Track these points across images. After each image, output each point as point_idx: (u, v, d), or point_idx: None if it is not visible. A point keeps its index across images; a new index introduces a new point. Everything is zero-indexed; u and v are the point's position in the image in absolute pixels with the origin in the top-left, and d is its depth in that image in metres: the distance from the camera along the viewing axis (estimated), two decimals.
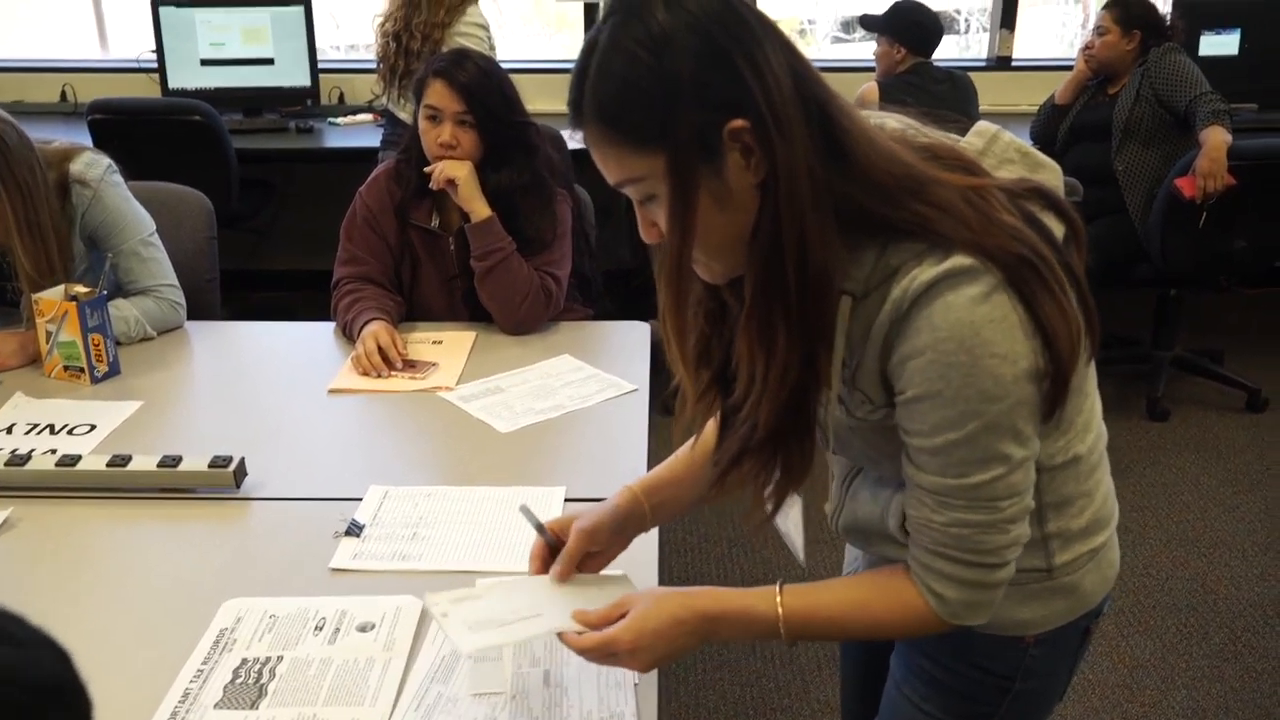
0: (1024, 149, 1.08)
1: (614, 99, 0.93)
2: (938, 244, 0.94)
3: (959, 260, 0.93)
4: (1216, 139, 3.36)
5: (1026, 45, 4.78)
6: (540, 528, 1.24)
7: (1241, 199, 3.41)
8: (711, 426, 1.14)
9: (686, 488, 1.28)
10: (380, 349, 2.01)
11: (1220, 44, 4.24)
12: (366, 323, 2.09)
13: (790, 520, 1.28)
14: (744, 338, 1.00)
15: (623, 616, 1.08)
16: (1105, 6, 3.74)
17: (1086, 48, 3.76)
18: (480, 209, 2.14)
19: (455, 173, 2.13)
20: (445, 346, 2.12)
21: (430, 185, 2.15)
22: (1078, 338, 0.96)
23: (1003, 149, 1.07)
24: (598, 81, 0.94)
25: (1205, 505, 3.19)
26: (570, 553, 1.21)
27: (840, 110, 0.96)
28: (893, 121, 1.05)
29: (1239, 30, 4.28)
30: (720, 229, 0.96)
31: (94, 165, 2.09)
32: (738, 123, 0.91)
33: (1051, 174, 1.08)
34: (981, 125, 1.08)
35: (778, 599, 1.09)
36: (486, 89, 2.13)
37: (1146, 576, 2.85)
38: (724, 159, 0.93)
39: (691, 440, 1.22)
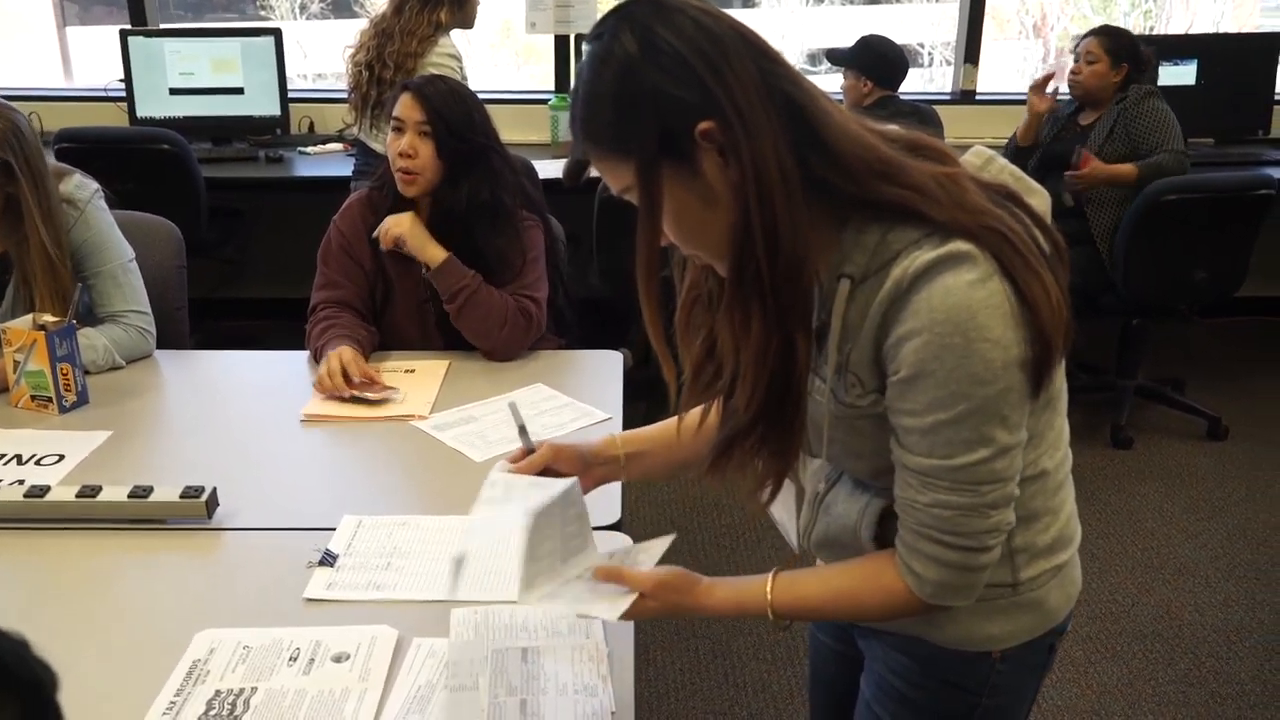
0: (1017, 174, 1.13)
1: (593, 118, 1.03)
2: (935, 230, 0.99)
3: (958, 245, 0.98)
4: (1127, 172, 3.52)
5: (989, 80, 4.86)
6: (523, 429, 1.36)
7: (1202, 231, 3.49)
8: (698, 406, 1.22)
9: (665, 451, 1.38)
10: (343, 369, 2.00)
11: (1178, 74, 4.33)
12: (334, 347, 2.09)
13: (784, 507, 1.30)
14: (724, 326, 1.08)
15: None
16: (1093, 34, 3.72)
17: (1073, 73, 3.74)
18: (434, 254, 2.16)
19: (398, 228, 2.15)
20: (418, 376, 2.12)
21: (381, 247, 2.17)
22: (1058, 312, 1.00)
23: (997, 171, 1.12)
24: (581, 104, 1.04)
25: (1169, 532, 3.24)
26: (533, 462, 1.33)
27: (811, 101, 1.01)
28: (869, 123, 1.10)
29: (1195, 60, 4.38)
30: (713, 227, 1.03)
31: (83, 188, 2.12)
32: (705, 124, 0.98)
33: (1040, 199, 1.12)
34: (979, 149, 1.14)
35: (768, 595, 1.16)
36: (450, 105, 2.15)
37: (1112, 603, 2.88)
38: (699, 160, 1.00)
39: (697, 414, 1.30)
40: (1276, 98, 4.45)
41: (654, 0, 1.01)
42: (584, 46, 1.05)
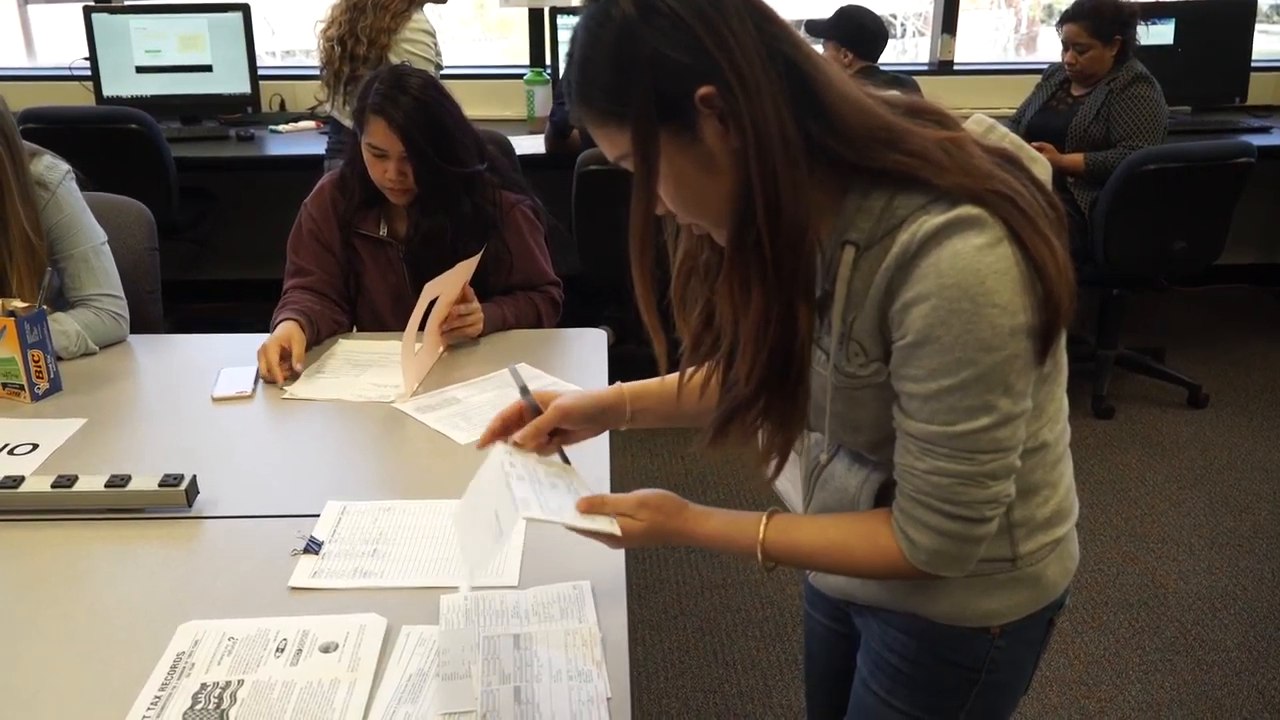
0: (1018, 142, 1.11)
1: (589, 82, 1.00)
2: (942, 195, 0.97)
3: (967, 209, 0.96)
4: (1074, 162, 3.57)
5: (963, 50, 4.84)
6: (525, 390, 1.32)
7: (1182, 200, 3.48)
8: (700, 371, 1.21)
9: (669, 405, 1.35)
10: (281, 350, 1.98)
11: (1157, 34, 4.32)
12: (279, 324, 2.07)
13: (788, 479, 1.28)
14: (723, 294, 1.05)
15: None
16: (1072, 20, 3.63)
17: (1069, 63, 3.68)
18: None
19: (469, 332, 2.13)
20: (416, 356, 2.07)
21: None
22: (1065, 274, 0.99)
23: (999, 138, 1.10)
24: (577, 68, 1.01)
25: (1152, 501, 3.25)
26: (540, 425, 1.29)
27: (812, 65, 0.99)
28: (869, 88, 1.07)
29: (1173, 20, 4.36)
30: (712, 194, 1.01)
31: (54, 169, 2.07)
32: (705, 89, 0.95)
33: (1042, 167, 1.10)
34: (979, 116, 1.12)
35: (760, 533, 1.16)
36: (424, 127, 2.09)
37: (1098, 573, 2.89)
38: (699, 126, 0.97)
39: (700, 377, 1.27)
40: (1253, 65, 4.45)
41: None
42: (580, 9, 1.02)
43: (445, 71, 3.40)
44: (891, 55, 5.07)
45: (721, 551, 1.21)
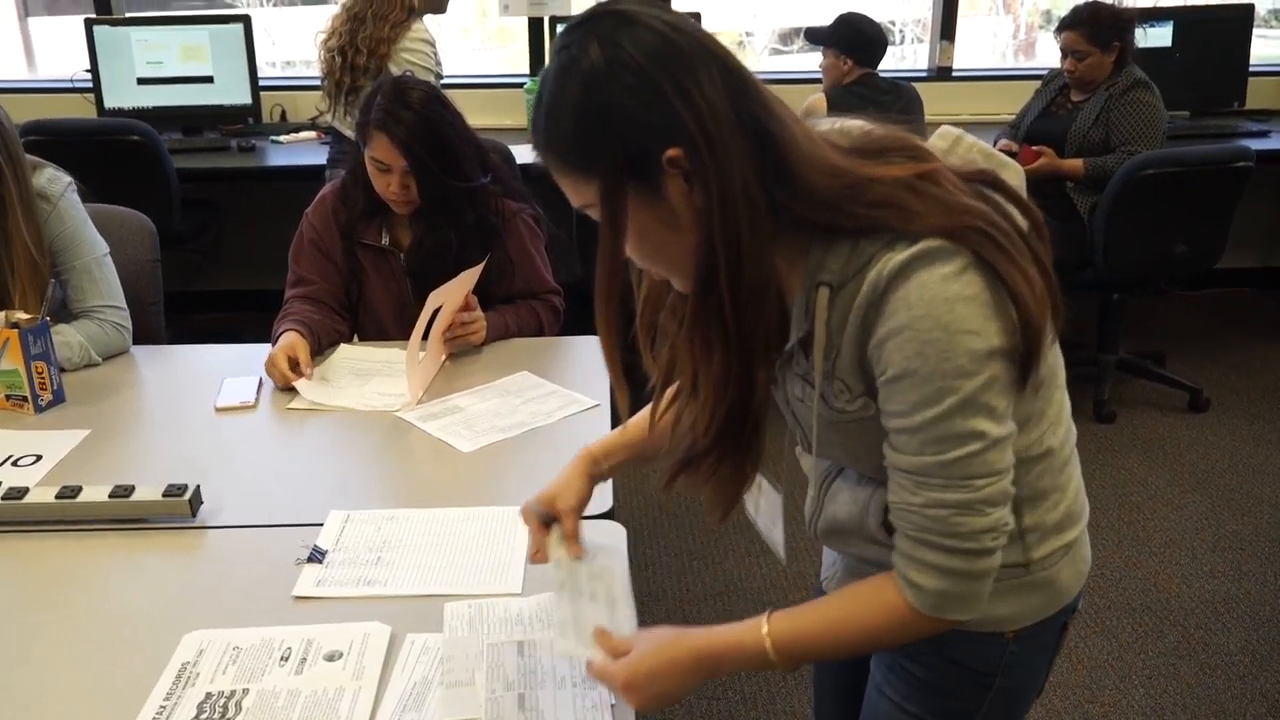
0: (986, 150, 1.11)
1: (555, 130, 0.99)
2: (905, 233, 0.97)
3: (930, 242, 0.96)
4: (1074, 167, 3.56)
5: (962, 56, 4.85)
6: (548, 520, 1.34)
7: (1182, 204, 3.49)
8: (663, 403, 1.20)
9: (638, 451, 1.37)
10: (289, 360, 1.99)
11: (1155, 36, 4.32)
12: (281, 335, 2.07)
13: (769, 519, 1.28)
14: (684, 349, 1.06)
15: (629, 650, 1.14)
16: (1070, 28, 3.64)
17: (1069, 70, 3.69)
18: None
19: (472, 340, 2.14)
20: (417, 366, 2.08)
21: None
22: (1043, 302, 0.99)
23: (966, 150, 1.11)
24: (544, 114, 1.00)
25: (1154, 505, 3.25)
26: (570, 532, 1.32)
27: (782, 128, 0.98)
28: (825, 124, 1.07)
29: (1171, 23, 4.37)
30: (674, 249, 1.01)
31: (55, 181, 2.08)
32: (673, 151, 0.95)
33: (1013, 173, 1.10)
34: (945, 129, 1.12)
35: (764, 628, 1.10)
36: (426, 141, 2.09)
37: (1101, 577, 2.89)
38: (663, 185, 0.97)
39: (648, 409, 1.26)
40: (1251, 69, 4.46)
41: (620, 12, 0.96)
42: (554, 52, 1.01)
43: (445, 81, 3.41)
44: (890, 62, 5.08)
45: (728, 654, 1.13)
